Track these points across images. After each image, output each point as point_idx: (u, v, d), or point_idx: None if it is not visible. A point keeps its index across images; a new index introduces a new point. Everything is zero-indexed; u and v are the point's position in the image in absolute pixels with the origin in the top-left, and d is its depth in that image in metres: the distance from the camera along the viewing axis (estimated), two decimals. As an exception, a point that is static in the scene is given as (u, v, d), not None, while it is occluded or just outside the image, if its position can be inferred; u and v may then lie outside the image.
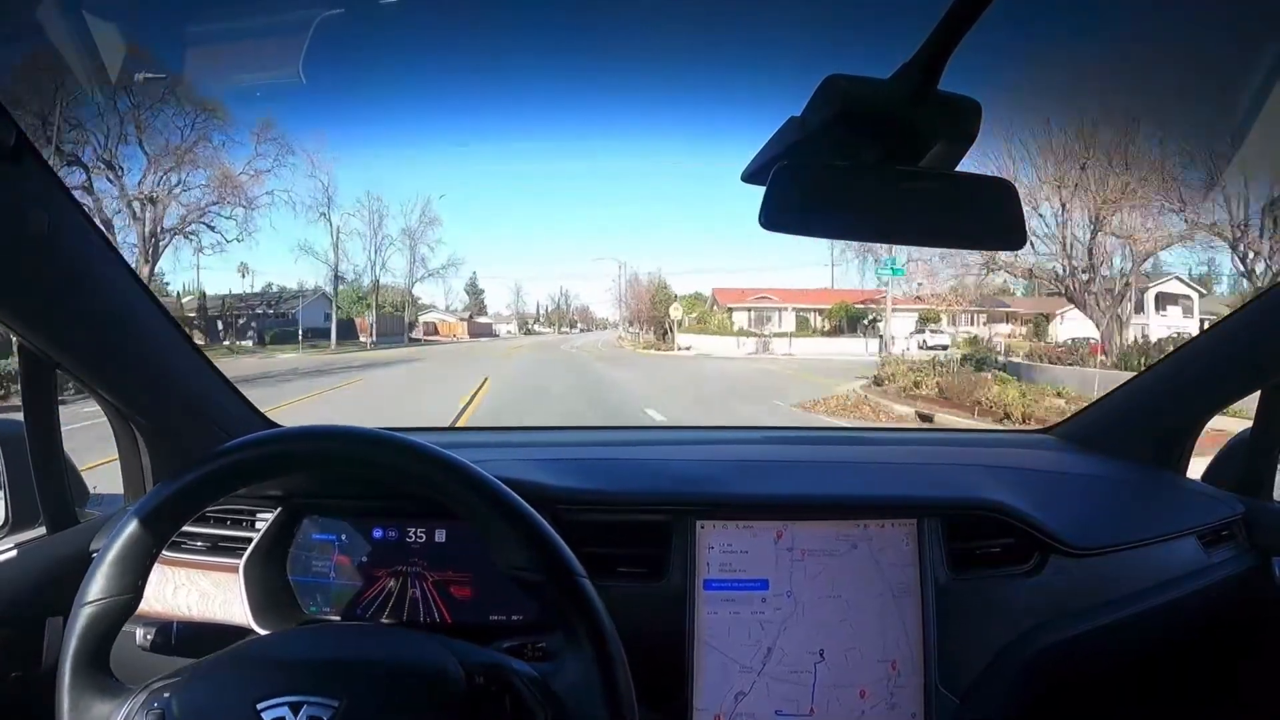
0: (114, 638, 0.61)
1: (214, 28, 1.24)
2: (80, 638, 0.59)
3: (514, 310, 31.53)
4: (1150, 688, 1.10)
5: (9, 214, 0.65)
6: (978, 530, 0.95)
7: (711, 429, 2.11)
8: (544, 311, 32.89)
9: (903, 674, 0.89)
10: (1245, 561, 1.07)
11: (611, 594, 0.64)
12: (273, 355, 15.58)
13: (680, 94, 14.97)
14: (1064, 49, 1.39)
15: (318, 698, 0.55)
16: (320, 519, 0.93)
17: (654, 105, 14.97)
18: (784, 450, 1.27)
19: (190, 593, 0.92)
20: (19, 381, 0.82)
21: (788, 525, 0.91)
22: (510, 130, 24.43)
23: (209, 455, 0.64)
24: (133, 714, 0.57)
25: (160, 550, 0.63)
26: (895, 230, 0.59)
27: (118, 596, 0.60)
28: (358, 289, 19.51)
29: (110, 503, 1.03)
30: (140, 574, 0.62)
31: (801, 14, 1.57)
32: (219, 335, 17.16)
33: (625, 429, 2.41)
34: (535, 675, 0.61)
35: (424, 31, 2.71)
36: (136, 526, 0.61)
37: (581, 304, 33.26)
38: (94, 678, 0.59)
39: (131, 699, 0.58)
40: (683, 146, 27.79)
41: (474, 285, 29.34)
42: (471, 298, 29.56)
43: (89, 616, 0.59)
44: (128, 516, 0.62)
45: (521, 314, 31.52)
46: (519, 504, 0.63)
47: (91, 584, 0.60)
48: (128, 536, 0.61)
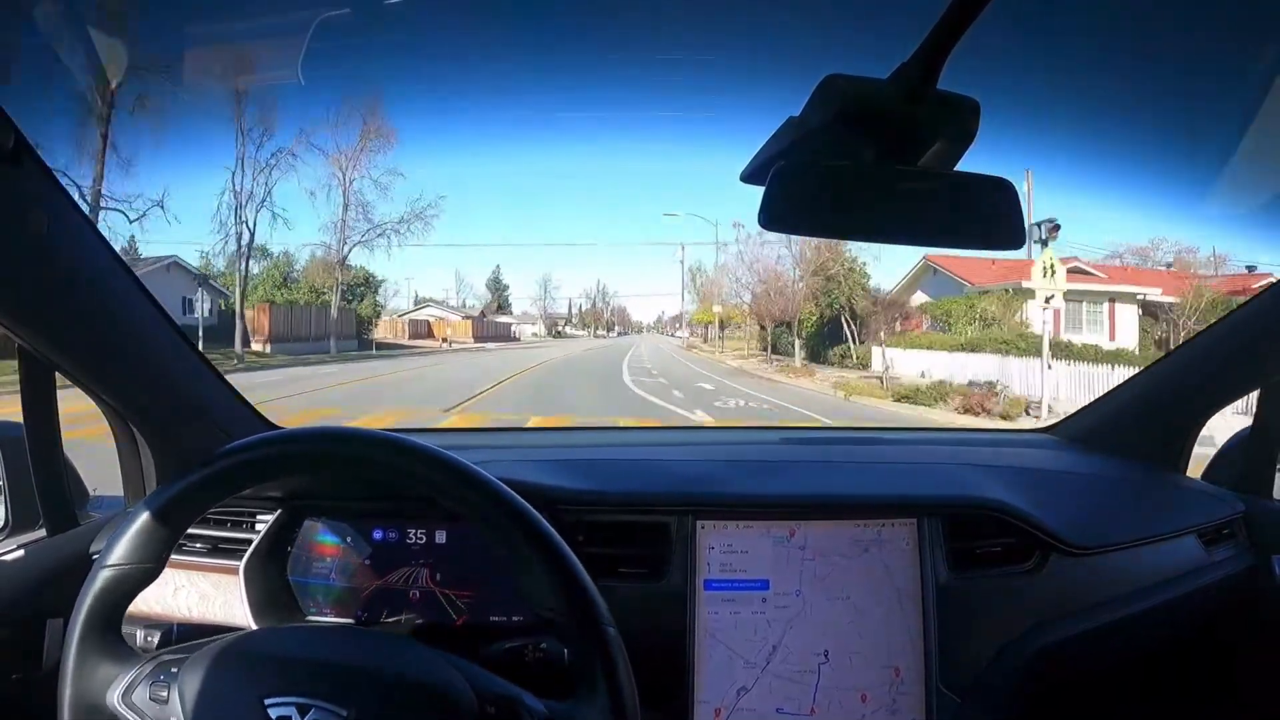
0: (127, 605, 0.62)
1: (214, 28, 1.24)
2: (95, 597, 0.60)
3: (541, 309, 26.85)
4: (1151, 686, 1.10)
5: (8, 216, 0.65)
6: (978, 529, 0.95)
7: (710, 428, 2.11)
8: (578, 310, 28.61)
9: (906, 680, 0.89)
10: (1246, 560, 1.07)
11: (612, 594, 0.64)
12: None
13: (680, 94, 14.72)
14: (1064, 48, 1.39)
15: (327, 704, 0.55)
16: (320, 520, 0.93)
17: (653, 105, 14.57)
18: (784, 450, 1.27)
19: (190, 594, 0.92)
20: (18, 383, 0.82)
21: (800, 525, 0.91)
22: (507, 128, 23.15)
23: (256, 440, 0.64)
24: (137, 681, 0.58)
25: (183, 532, 0.64)
26: (895, 230, 0.59)
27: (138, 564, 0.61)
28: (281, 266, 13.50)
29: (110, 504, 1.02)
30: (164, 547, 0.63)
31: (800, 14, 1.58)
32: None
33: (625, 429, 2.41)
34: (547, 714, 0.60)
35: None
36: (165, 502, 0.62)
37: (619, 304, 28.91)
38: (104, 639, 0.60)
39: (139, 666, 0.59)
40: (683, 147, 27.48)
41: (497, 280, 25.69)
42: (494, 293, 25.78)
43: (106, 579, 0.60)
44: (158, 492, 0.63)
45: (550, 314, 26.92)
46: (557, 543, 0.62)
47: (115, 548, 0.61)
48: (156, 510, 0.62)
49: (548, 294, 27.44)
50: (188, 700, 0.57)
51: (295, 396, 8.14)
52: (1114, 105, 1.60)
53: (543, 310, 27.21)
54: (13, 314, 0.72)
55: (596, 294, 29.26)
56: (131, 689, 0.58)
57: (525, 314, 26.55)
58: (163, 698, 0.58)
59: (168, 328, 0.90)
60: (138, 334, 0.86)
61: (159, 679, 0.58)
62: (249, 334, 12.79)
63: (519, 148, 26.97)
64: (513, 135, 21.51)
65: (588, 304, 29.65)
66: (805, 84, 0.52)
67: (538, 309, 27.16)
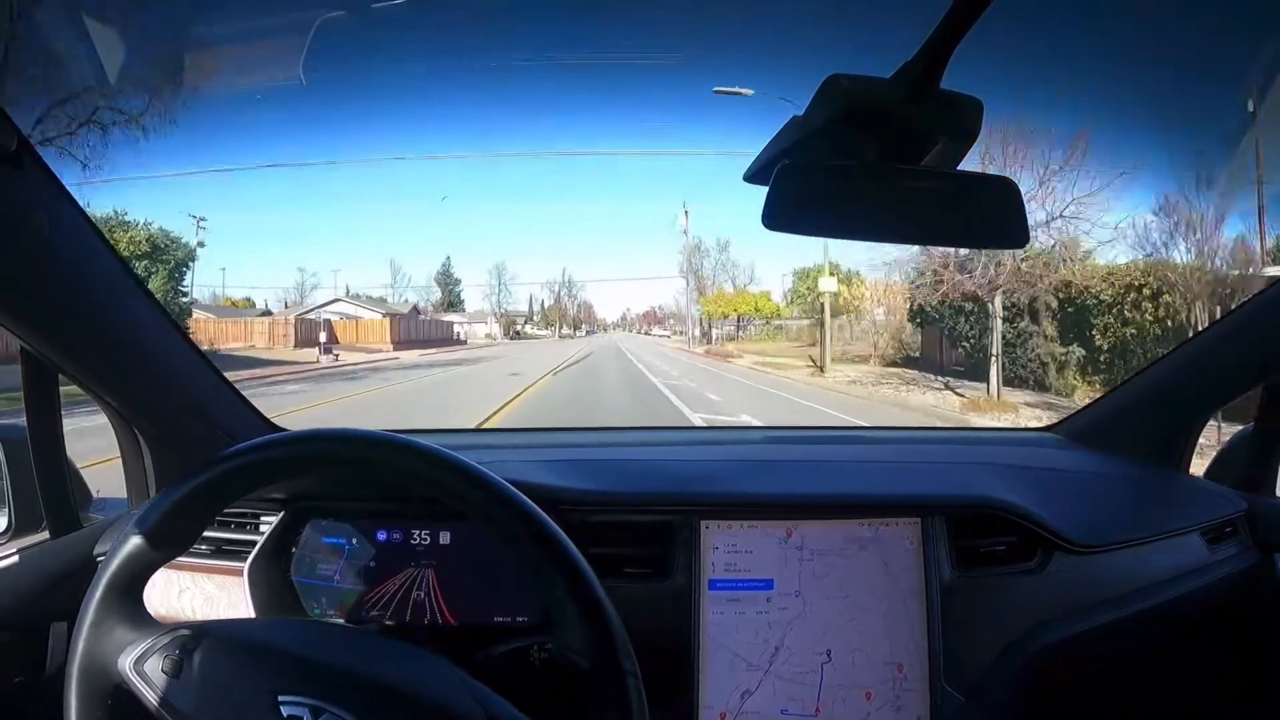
0: (151, 573, 0.63)
1: (214, 29, 1.25)
2: (124, 558, 0.60)
3: (494, 303, 21.79)
4: (1155, 684, 1.10)
5: (10, 217, 0.65)
6: (982, 528, 0.95)
7: (715, 429, 2.11)
8: (540, 306, 24.22)
9: (909, 677, 0.89)
10: (1248, 558, 1.07)
11: (617, 594, 0.64)
12: None
13: (678, 95, 14.39)
14: (1065, 47, 1.39)
15: (339, 709, 0.55)
16: (325, 522, 0.93)
17: (652, 105, 14.14)
18: (788, 450, 1.27)
19: (195, 595, 0.92)
20: (21, 386, 0.82)
21: (798, 525, 0.91)
22: (503, 123, 20.69)
23: (275, 439, 0.65)
24: (151, 651, 0.58)
25: (209, 522, 0.65)
26: (898, 229, 0.59)
27: (169, 537, 0.62)
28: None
29: (113, 507, 1.02)
30: (196, 526, 0.64)
31: (802, 14, 1.58)
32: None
33: (629, 429, 2.41)
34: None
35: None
36: (199, 487, 0.63)
37: (585, 298, 24.58)
38: (125, 600, 0.60)
39: (156, 636, 0.59)
40: (680, 146, 26.91)
41: (447, 273, 21.83)
42: (443, 288, 22.05)
43: (137, 543, 0.61)
44: (189, 480, 0.63)
45: (508, 312, 21.98)
46: (597, 590, 0.61)
47: (151, 518, 0.61)
48: (190, 492, 0.62)
49: (503, 286, 22.31)
50: (200, 679, 0.57)
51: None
52: (1115, 105, 1.60)
53: (496, 305, 22.22)
54: (15, 315, 0.72)
55: (562, 285, 24.25)
56: (145, 657, 0.58)
57: (479, 312, 22.13)
58: (175, 672, 0.58)
59: (170, 328, 0.90)
60: (140, 335, 0.86)
61: (174, 653, 0.58)
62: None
63: (506, 137, 24.47)
64: (502, 131, 19.82)
65: (550, 298, 24.68)
66: (808, 84, 0.52)
67: (490, 304, 22.27)
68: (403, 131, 17.43)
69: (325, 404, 8.22)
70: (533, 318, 23.40)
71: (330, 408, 7.99)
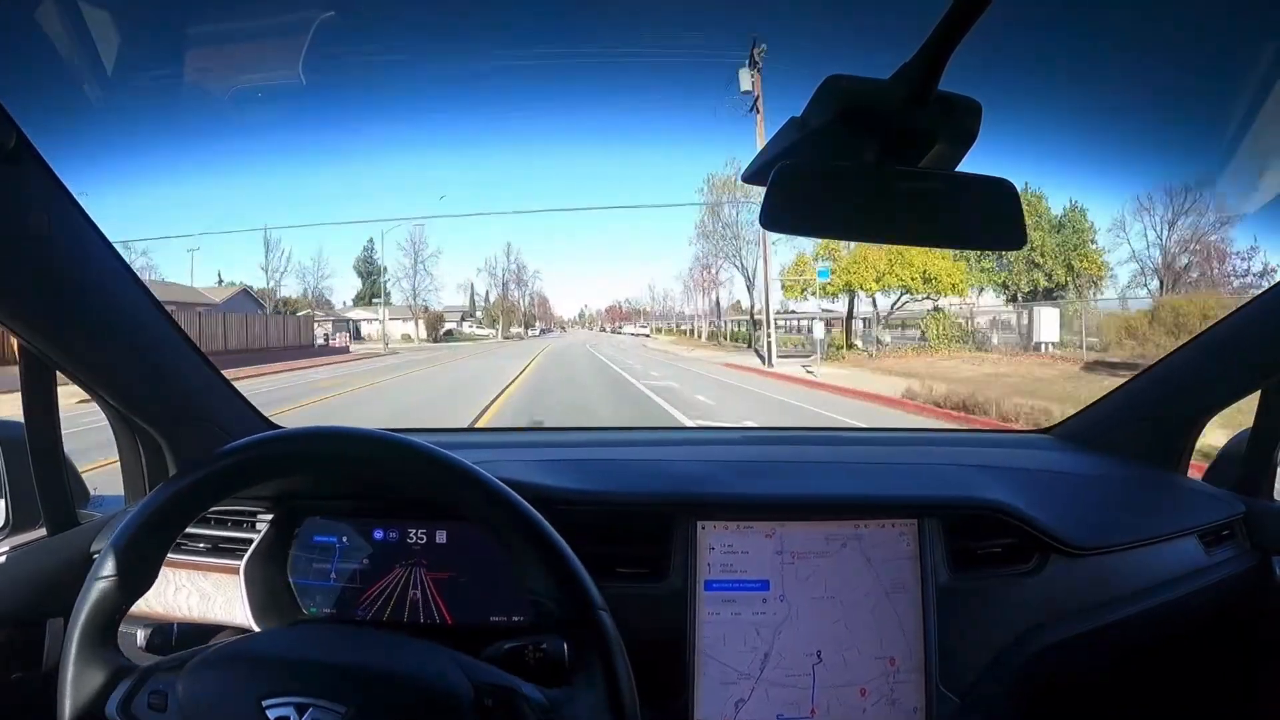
0: (123, 614, 0.63)
1: (214, 28, 1.24)
2: (90, 610, 0.61)
3: (411, 292, 15.62)
4: (1151, 687, 1.10)
5: (9, 215, 0.65)
6: (978, 530, 0.95)
7: (712, 429, 2.11)
8: (485, 299, 18.05)
9: (902, 670, 0.89)
10: (1246, 561, 1.07)
11: (612, 594, 0.64)
12: None
13: (678, 93, 13.85)
14: (1065, 48, 1.39)
15: (324, 701, 0.56)
16: (321, 520, 0.93)
17: (651, 104, 13.63)
18: (785, 450, 1.27)
19: (191, 594, 0.92)
20: (19, 383, 0.82)
21: (798, 525, 0.91)
22: (494, 121, 17.84)
23: (254, 440, 0.65)
24: (135, 691, 0.59)
25: (179, 533, 0.65)
26: (896, 230, 0.59)
27: (132, 575, 0.62)
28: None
29: (111, 504, 1.02)
30: (159, 553, 0.64)
31: (801, 14, 1.56)
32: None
33: (626, 429, 2.41)
34: (545, 703, 0.60)
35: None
36: (159, 507, 0.63)
37: (539, 290, 18.50)
38: (101, 650, 0.61)
39: (136, 676, 0.60)
40: (681, 146, 26.53)
41: (369, 259, 16.17)
42: (364, 279, 16.50)
43: (101, 590, 0.61)
44: (153, 496, 0.63)
45: (429, 309, 16.09)
46: (549, 531, 0.63)
47: (107, 561, 0.61)
48: (150, 516, 0.62)
49: (422, 269, 15.75)
50: (186, 706, 0.57)
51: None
52: (1115, 106, 1.60)
53: (412, 296, 15.63)
54: (14, 313, 0.72)
55: (506, 269, 17.37)
56: (130, 698, 0.59)
57: (407, 307, 16.30)
58: (160, 705, 0.58)
59: (169, 327, 0.90)
60: (139, 333, 0.86)
61: (157, 688, 0.58)
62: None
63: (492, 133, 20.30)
64: (492, 128, 15.95)
65: (495, 286, 17.23)
66: (807, 84, 0.52)
67: (406, 293, 16.01)
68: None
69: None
70: (474, 313, 17.70)
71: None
